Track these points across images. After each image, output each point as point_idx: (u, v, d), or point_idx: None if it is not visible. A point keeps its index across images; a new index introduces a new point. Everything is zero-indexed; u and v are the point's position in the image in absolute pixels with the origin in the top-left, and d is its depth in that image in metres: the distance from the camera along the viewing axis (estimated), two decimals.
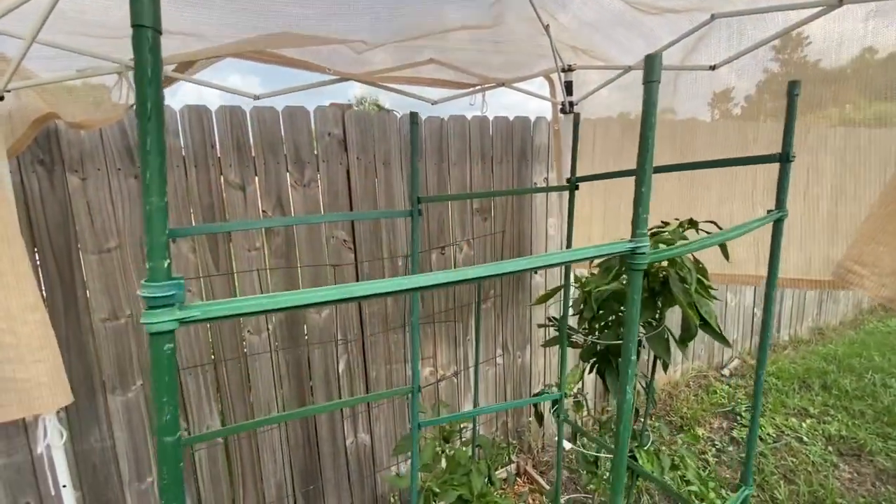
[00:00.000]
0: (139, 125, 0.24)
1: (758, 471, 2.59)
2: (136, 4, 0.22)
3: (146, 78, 0.23)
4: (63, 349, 1.67)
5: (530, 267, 0.38)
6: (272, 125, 1.88)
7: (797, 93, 0.77)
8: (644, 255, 0.41)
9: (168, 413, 0.26)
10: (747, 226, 0.62)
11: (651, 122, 0.39)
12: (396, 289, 0.33)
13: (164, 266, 0.25)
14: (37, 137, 1.57)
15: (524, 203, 2.55)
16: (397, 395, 1.72)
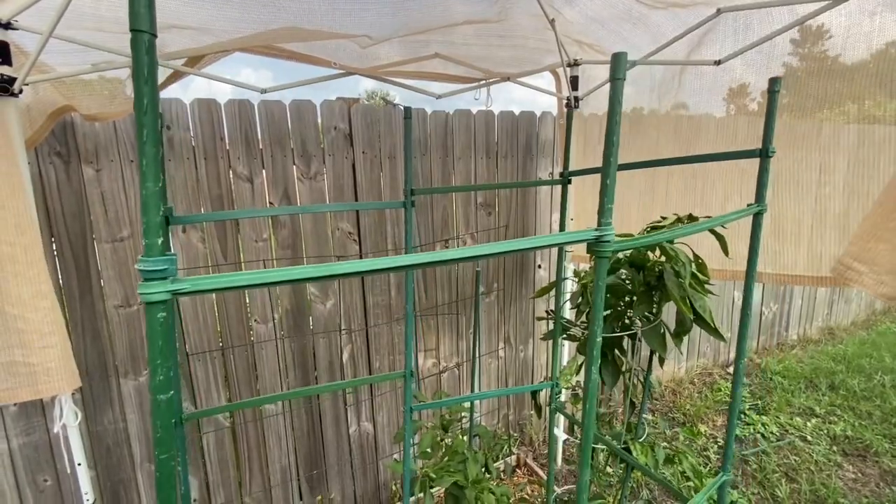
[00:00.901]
0: (136, 118, 0.27)
1: (759, 469, 2.59)
2: (135, 11, 0.25)
3: (143, 77, 0.26)
4: (78, 334, 1.74)
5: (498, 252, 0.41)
6: (279, 119, 1.92)
7: (777, 89, 0.78)
8: (608, 243, 0.43)
9: (161, 374, 0.29)
10: (724, 217, 0.63)
11: (616, 119, 0.41)
12: (374, 267, 0.35)
13: (158, 243, 0.29)
14: (54, 130, 1.63)
15: (528, 198, 2.56)
16: (391, 379, 1.75)
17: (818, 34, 1.61)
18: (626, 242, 0.46)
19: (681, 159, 0.93)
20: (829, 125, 1.66)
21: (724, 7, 1.56)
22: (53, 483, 1.79)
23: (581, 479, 0.49)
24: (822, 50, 1.63)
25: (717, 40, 1.70)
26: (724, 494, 0.86)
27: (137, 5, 0.25)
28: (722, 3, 1.57)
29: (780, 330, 4.41)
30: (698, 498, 0.72)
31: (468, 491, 1.18)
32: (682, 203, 2.00)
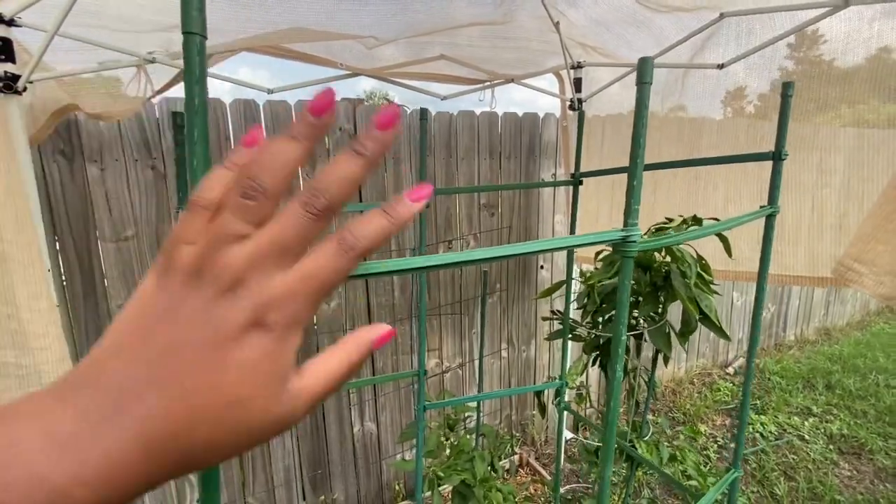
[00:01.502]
0: (187, 118, 0.27)
1: (758, 467, 2.61)
2: (187, 14, 0.26)
3: (194, 77, 0.27)
4: (82, 334, 1.73)
5: (529, 251, 0.41)
6: (285, 119, 1.92)
7: (790, 93, 0.80)
8: (635, 242, 0.44)
9: None
10: (739, 219, 0.64)
11: (642, 122, 0.42)
12: (405, 267, 0.36)
13: None
14: (58, 128, 1.62)
15: (531, 199, 2.57)
16: (404, 377, 1.76)
17: (813, 39, 1.63)
18: (652, 242, 0.47)
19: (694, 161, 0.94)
20: (826, 128, 1.68)
21: (727, 12, 1.58)
22: None
23: (603, 474, 0.49)
24: (817, 54, 1.65)
25: (721, 44, 1.71)
26: (734, 491, 0.87)
27: (190, 8, 0.26)
28: (725, 8, 1.58)
29: (777, 331, 4.44)
30: (710, 495, 0.74)
31: (476, 489, 1.19)
32: (685, 204, 2.02)
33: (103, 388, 0.22)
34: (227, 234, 0.24)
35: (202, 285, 0.23)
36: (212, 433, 0.23)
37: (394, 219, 0.28)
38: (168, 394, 0.22)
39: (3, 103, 1.39)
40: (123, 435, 0.21)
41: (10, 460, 0.19)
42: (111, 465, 0.20)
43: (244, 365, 0.23)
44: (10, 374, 1.43)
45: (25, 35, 1.46)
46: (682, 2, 1.54)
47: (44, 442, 0.20)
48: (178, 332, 0.23)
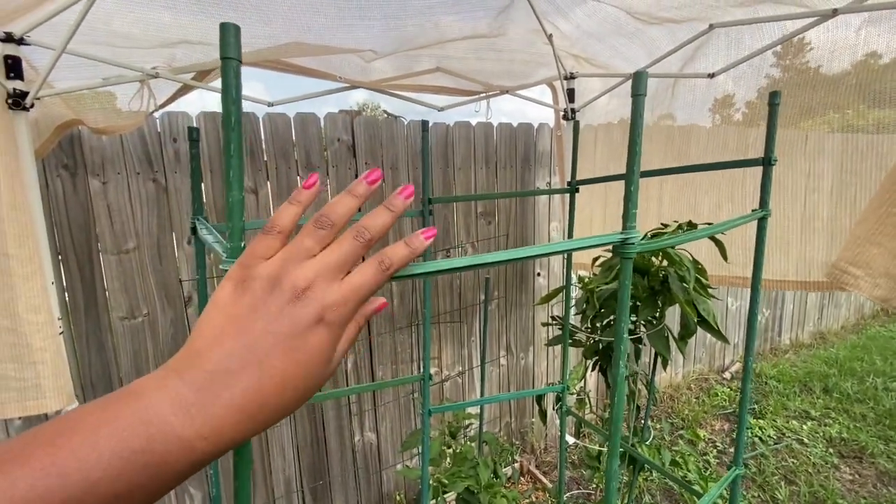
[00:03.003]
0: (224, 133, 0.30)
1: (758, 472, 2.62)
2: (225, 42, 0.28)
3: (231, 97, 0.29)
4: (83, 346, 1.73)
5: (534, 255, 0.43)
6: (284, 131, 1.95)
7: (777, 102, 0.83)
8: (633, 244, 0.46)
9: None
10: (733, 222, 0.67)
11: (638, 131, 0.44)
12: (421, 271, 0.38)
13: (241, 247, 0.31)
14: (61, 142, 1.64)
15: (527, 207, 2.61)
16: (408, 382, 1.77)
17: (799, 47, 1.68)
18: (651, 244, 0.49)
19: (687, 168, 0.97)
20: (814, 134, 1.72)
21: (717, 23, 1.63)
22: None
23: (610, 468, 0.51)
24: (803, 62, 1.70)
25: (710, 54, 1.76)
26: (736, 489, 0.89)
27: (228, 36, 0.28)
28: (714, 20, 1.63)
29: (772, 335, 4.48)
30: (713, 492, 0.75)
31: (481, 496, 1.20)
32: (675, 211, 2.06)
33: (212, 368, 0.30)
34: (303, 251, 0.34)
35: (282, 290, 0.32)
36: (292, 397, 0.32)
37: (413, 249, 0.39)
38: (264, 371, 0.30)
39: (12, 119, 1.41)
40: (231, 402, 0.29)
41: (150, 419, 0.27)
42: (222, 424, 0.29)
43: (314, 348, 0.32)
44: (10, 388, 1.43)
45: (32, 52, 1.49)
46: (673, 14, 1.59)
47: (172, 407, 0.28)
48: (266, 325, 0.31)
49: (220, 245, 0.40)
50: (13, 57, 1.36)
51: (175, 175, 1.79)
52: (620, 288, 0.47)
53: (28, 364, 1.43)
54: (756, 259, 0.81)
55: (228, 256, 0.31)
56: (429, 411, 1.00)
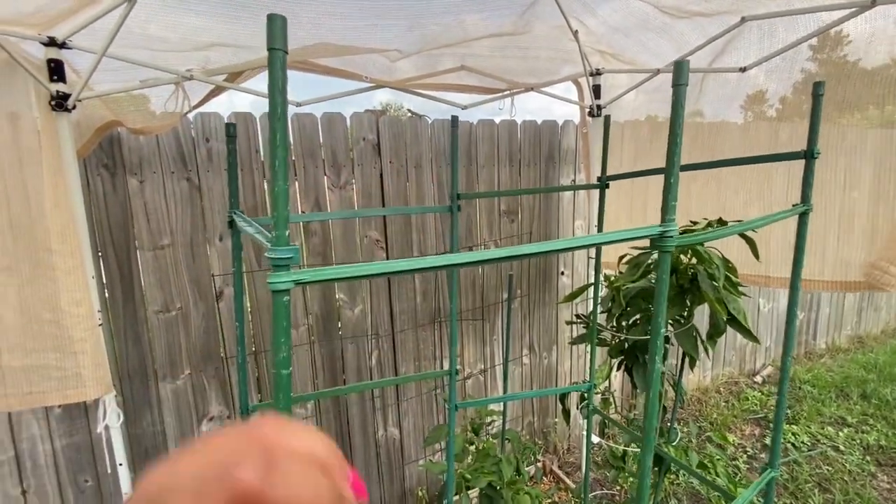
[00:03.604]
0: (271, 124, 0.31)
1: (791, 479, 2.54)
2: (273, 34, 0.29)
3: (277, 88, 0.31)
4: (121, 339, 1.81)
5: (566, 247, 0.44)
6: (311, 131, 1.99)
7: (821, 93, 0.80)
8: (672, 237, 0.46)
9: (283, 351, 0.33)
10: (773, 216, 0.65)
11: (679, 121, 0.44)
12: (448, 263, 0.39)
13: (286, 235, 0.33)
14: (101, 143, 1.72)
15: (551, 204, 2.59)
16: (434, 377, 1.80)
17: (837, 40, 1.62)
18: (688, 238, 0.49)
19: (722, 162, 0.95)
20: (853, 130, 1.65)
21: (749, 15, 1.59)
22: (94, 484, 1.86)
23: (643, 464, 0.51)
24: (841, 55, 1.63)
25: (742, 47, 1.72)
26: (771, 492, 0.86)
27: (275, 28, 0.30)
28: (746, 12, 1.59)
29: (807, 338, 4.32)
30: (746, 494, 0.73)
31: (504, 491, 1.20)
32: (701, 209, 2.01)
33: None
34: None
35: None
36: None
37: None
38: None
39: (55, 121, 1.49)
40: None
41: None
42: None
43: None
44: (51, 377, 1.50)
45: (73, 56, 1.56)
46: (703, 7, 1.56)
47: None
48: None
49: (262, 235, 0.42)
50: (56, 60, 1.42)
51: (207, 174, 1.85)
52: (658, 283, 0.47)
53: (69, 354, 1.50)
54: (796, 256, 0.78)
55: (274, 245, 0.32)
56: (455, 406, 1.01)
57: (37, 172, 1.45)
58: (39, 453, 1.76)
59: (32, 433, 1.74)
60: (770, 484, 0.84)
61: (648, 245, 1.28)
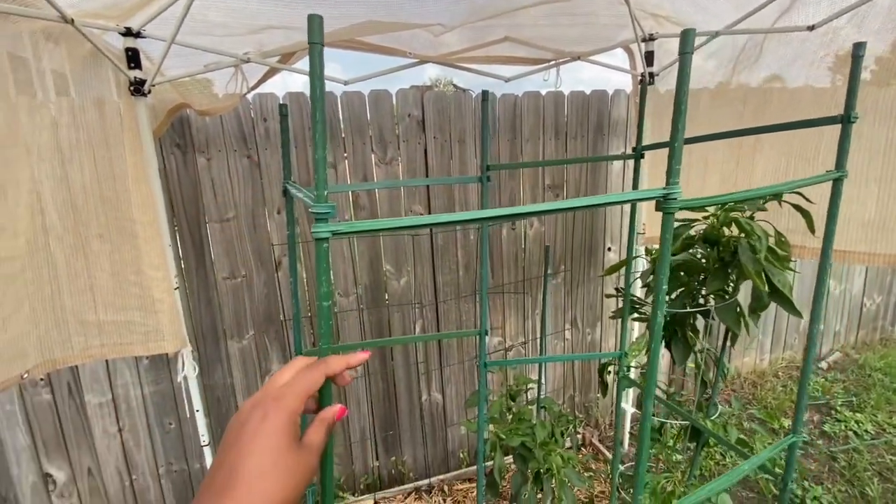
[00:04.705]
0: (311, 103, 0.37)
1: (848, 466, 2.41)
2: (312, 29, 0.35)
3: (316, 73, 0.36)
4: (195, 301, 2.02)
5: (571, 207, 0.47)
6: (359, 108, 2.07)
7: (861, 53, 0.75)
8: (675, 200, 0.47)
9: (325, 287, 0.40)
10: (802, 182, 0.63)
11: (684, 89, 0.45)
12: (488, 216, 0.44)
13: (325, 194, 0.39)
14: (173, 124, 1.89)
15: (599, 178, 2.54)
16: (467, 335, 1.89)
17: None
18: (692, 201, 0.50)
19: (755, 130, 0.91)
20: None
21: None
22: (176, 426, 2.12)
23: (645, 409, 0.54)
24: None
25: (811, 2, 1.58)
26: (792, 456, 0.86)
27: (314, 25, 0.35)
28: None
29: (884, 324, 3.98)
30: (765, 454, 0.74)
31: (536, 451, 1.26)
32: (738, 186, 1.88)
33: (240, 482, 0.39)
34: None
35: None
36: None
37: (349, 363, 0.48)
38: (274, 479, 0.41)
39: (134, 105, 1.66)
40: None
41: None
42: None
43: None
44: (136, 331, 1.71)
45: (146, 44, 1.71)
46: None
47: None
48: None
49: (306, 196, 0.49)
50: (133, 49, 1.57)
51: (265, 152, 1.99)
52: (662, 243, 0.49)
53: (151, 312, 1.71)
54: (828, 225, 0.75)
55: (315, 202, 0.38)
56: (485, 364, 1.07)
57: (120, 152, 1.64)
58: (132, 398, 2.03)
59: (126, 380, 2.01)
60: (792, 449, 0.84)
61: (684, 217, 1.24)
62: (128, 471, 2.09)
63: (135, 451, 2.08)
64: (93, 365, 1.95)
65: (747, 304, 1.23)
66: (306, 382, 0.44)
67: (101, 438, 2.02)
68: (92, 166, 1.62)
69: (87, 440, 2.00)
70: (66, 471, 2.00)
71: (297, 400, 0.44)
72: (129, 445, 2.07)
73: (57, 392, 1.92)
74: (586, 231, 2.58)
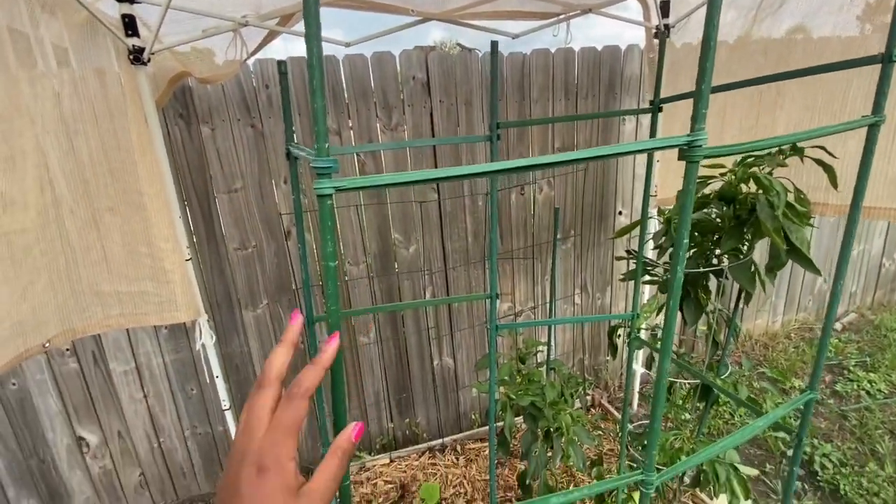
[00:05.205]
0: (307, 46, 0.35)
1: (860, 424, 2.43)
2: None
3: (312, 32, 0.35)
4: (208, 272, 2.05)
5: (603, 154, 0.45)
6: (362, 71, 2.01)
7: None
8: (700, 147, 0.45)
9: (329, 246, 0.39)
10: (831, 128, 0.59)
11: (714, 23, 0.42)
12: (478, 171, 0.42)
13: (325, 147, 0.38)
14: (175, 93, 1.86)
15: (610, 139, 2.47)
16: (477, 299, 1.90)
17: None
18: (721, 149, 0.47)
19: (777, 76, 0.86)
20: None
21: None
22: (198, 392, 2.20)
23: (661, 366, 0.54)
24: None
25: None
26: (808, 413, 0.86)
27: None
28: None
29: None
30: (781, 410, 0.74)
31: (546, 410, 1.29)
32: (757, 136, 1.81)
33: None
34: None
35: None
36: None
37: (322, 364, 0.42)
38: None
39: (134, 74, 1.63)
40: None
41: None
42: None
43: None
44: (150, 301, 1.75)
45: (142, 10, 1.66)
46: None
47: None
48: None
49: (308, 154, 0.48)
50: (129, 15, 1.53)
51: (269, 120, 1.96)
52: (684, 194, 0.47)
53: (163, 283, 1.74)
54: (860, 176, 0.71)
55: (316, 156, 0.37)
56: (496, 326, 1.08)
57: (124, 123, 1.62)
58: (154, 366, 2.10)
59: (147, 349, 2.08)
60: (808, 406, 0.84)
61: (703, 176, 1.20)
62: (155, 434, 2.18)
63: (160, 416, 2.17)
64: (115, 335, 2.01)
65: (763, 264, 1.20)
66: (290, 419, 0.37)
67: (128, 404, 2.11)
68: (97, 138, 1.61)
69: (116, 405, 2.09)
70: (97, 434, 2.10)
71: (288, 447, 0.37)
72: (155, 410, 2.16)
73: (83, 361, 1.99)
74: (597, 195, 2.54)
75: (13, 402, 1.94)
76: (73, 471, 2.10)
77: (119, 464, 2.16)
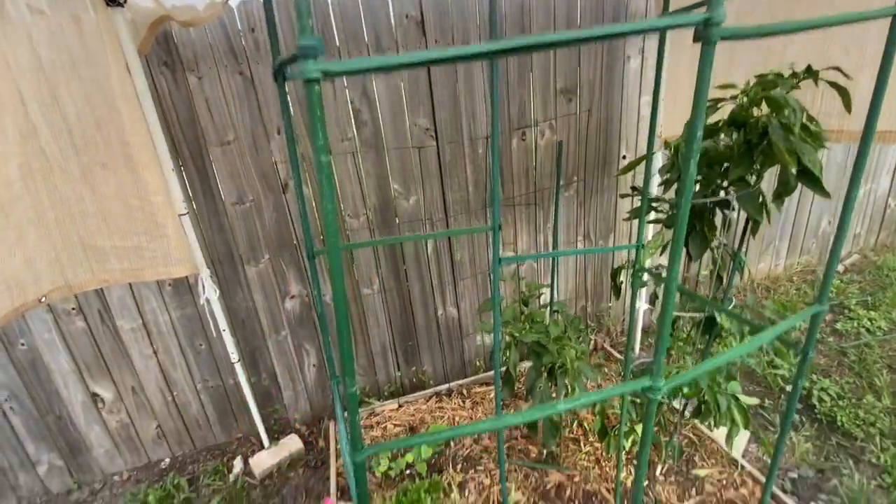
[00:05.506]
0: None
1: (858, 360, 2.47)
2: None
3: None
4: (206, 227, 2.03)
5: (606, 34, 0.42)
6: (353, 11, 1.90)
7: None
8: (718, 25, 0.41)
9: (321, 138, 0.37)
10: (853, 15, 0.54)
11: None
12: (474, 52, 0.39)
13: (308, 24, 0.34)
14: (158, 40, 1.77)
15: (614, 78, 2.37)
16: (479, 231, 1.89)
17: None
18: (739, 30, 0.43)
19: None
20: None
21: None
22: (207, 347, 2.24)
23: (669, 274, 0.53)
24: None
25: None
26: (815, 326, 0.86)
27: None
28: None
29: None
30: (787, 323, 0.74)
31: (550, 346, 1.30)
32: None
33: None
34: None
35: None
36: None
37: None
38: None
39: (111, 16, 1.55)
40: None
41: None
42: None
43: None
44: (145, 256, 1.73)
45: None
46: None
47: None
48: None
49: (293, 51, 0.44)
50: None
51: (258, 66, 1.88)
52: (699, 80, 0.43)
53: (156, 238, 1.72)
54: (879, 78, 0.67)
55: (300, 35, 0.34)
56: (499, 260, 1.07)
57: (105, 70, 1.56)
58: (161, 322, 2.13)
59: (153, 306, 2.09)
60: (815, 319, 0.84)
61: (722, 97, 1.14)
62: (168, 388, 2.24)
63: (171, 371, 2.22)
64: (119, 292, 2.02)
65: (771, 192, 1.17)
66: None
67: (139, 360, 2.15)
68: (80, 88, 1.55)
69: (127, 362, 2.13)
70: (111, 390, 2.16)
71: None
72: (166, 366, 2.20)
73: (90, 319, 2.02)
74: (600, 139, 2.47)
75: (24, 362, 1.98)
76: (91, 425, 2.17)
77: (135, 418, 2.23)
